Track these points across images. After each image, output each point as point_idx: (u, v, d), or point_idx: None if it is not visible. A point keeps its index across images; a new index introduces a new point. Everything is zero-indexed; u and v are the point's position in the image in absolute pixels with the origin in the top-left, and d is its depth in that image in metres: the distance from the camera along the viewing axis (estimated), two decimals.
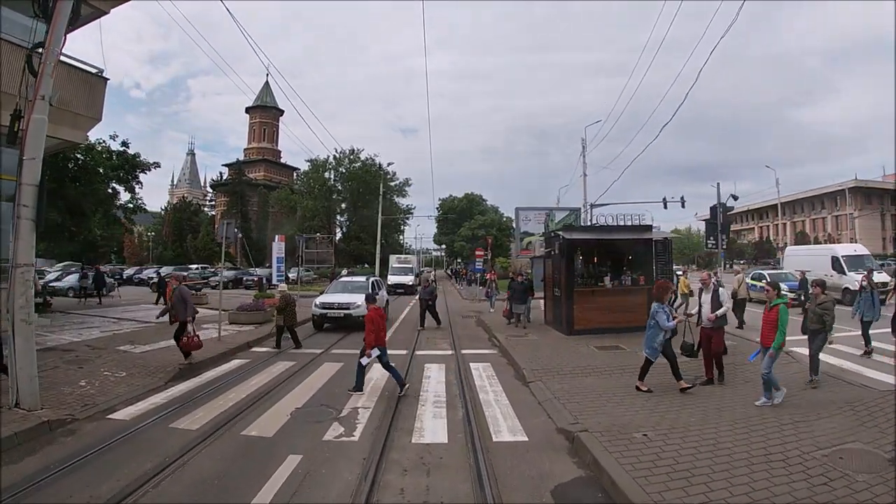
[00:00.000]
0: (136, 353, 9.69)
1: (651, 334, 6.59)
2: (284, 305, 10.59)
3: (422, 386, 7.30)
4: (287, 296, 10.86)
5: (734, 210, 11.08)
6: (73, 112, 11.10)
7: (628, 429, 5.20)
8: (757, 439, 4.79)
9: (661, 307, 6.63)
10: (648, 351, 6.65)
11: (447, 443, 5.04)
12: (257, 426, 5.58)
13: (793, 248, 28.01)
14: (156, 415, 6.06)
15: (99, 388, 7.19)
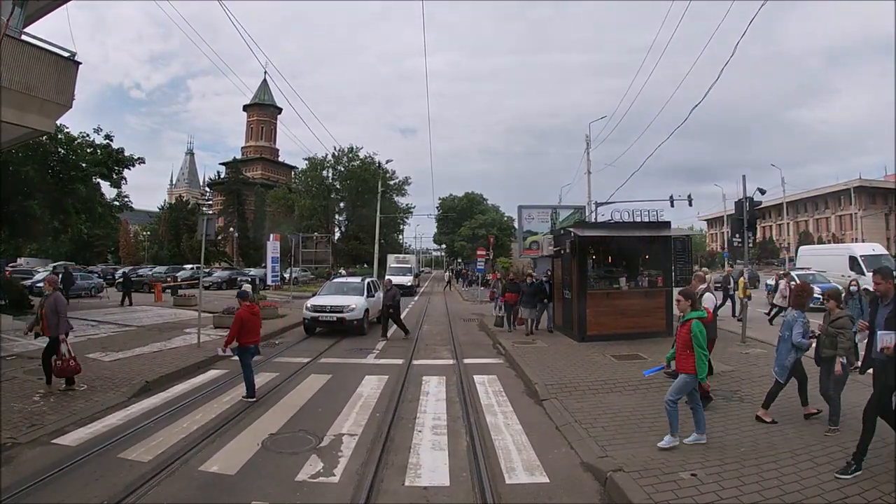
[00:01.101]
0: (105, 361, 8.79)
1: (783, 350, 5.37)
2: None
3: (419, 404, 6.33)
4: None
5: (762, 204, 10.18)
6: (41, 98, 10.13)
7: (671, 465, 4.26)
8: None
9: (800, 316, 5.35)
10: (778, 370, 5.46)
11: (449, 485, 4.07)
12: (220, 459, 4.62)
13: (807, 247, 27.04)
14: (108, 440, 5.13)
15: (54, 404, 6.32)
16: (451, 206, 54.07)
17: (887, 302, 4.06)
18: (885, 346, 3.82)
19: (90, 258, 51.31)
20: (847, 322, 5.11)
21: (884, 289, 4.14)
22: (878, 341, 3.87)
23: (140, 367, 8.29)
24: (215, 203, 66.26)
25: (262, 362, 9.08)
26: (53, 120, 10.84)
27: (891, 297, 4.03)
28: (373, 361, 9.35)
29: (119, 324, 13.88)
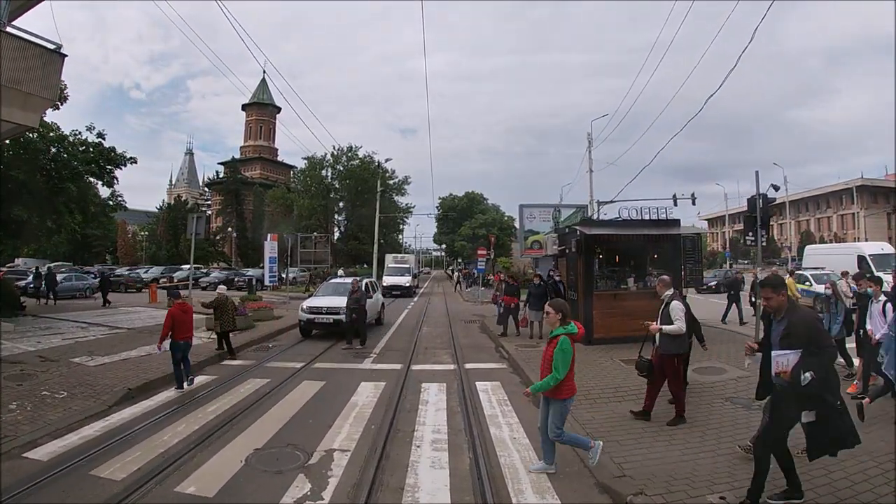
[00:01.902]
0: (90, 366, 8.38)
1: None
2: (216, 306, 9.50)
3: (418, 415, 5.90)
4: (222, 297, 9.75)
5: (776, 201, 9.77)
6: (24, 91, 9.72)
7: (696, 485, 3.85)
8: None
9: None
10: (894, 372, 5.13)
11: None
12: (199, 478, 4.20)
13: (813, 246, 26.58)
14: (81, 454, 4.75)
15: (30, 414, 5.93)
16: (451, 205, 53.64)
17: (780, 318, 3.50)
18: (781, 370, 3.25)
19: (88, 258, 50.99)
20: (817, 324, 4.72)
21: (776, 303, 3.53)
22: (773, 364, 3.31)
23: (125, 372, 7.88)
24: (214, 203, 65.88)
25: (254, 368, 8.70)
26: (38, 114, 10.42)
27: (784, 313, 3.49)
28: (369, 366, 8.92)
29: (110, 325, 13.48)
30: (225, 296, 9.95)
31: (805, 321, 3.35)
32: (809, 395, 3.26)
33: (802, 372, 3.18)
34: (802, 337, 3.29)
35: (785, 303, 3.52)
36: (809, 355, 3.24)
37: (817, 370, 3.21)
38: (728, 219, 63.52)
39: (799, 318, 3.38)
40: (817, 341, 3.30)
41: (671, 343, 5.44)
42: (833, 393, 3.31)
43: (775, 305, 3.53)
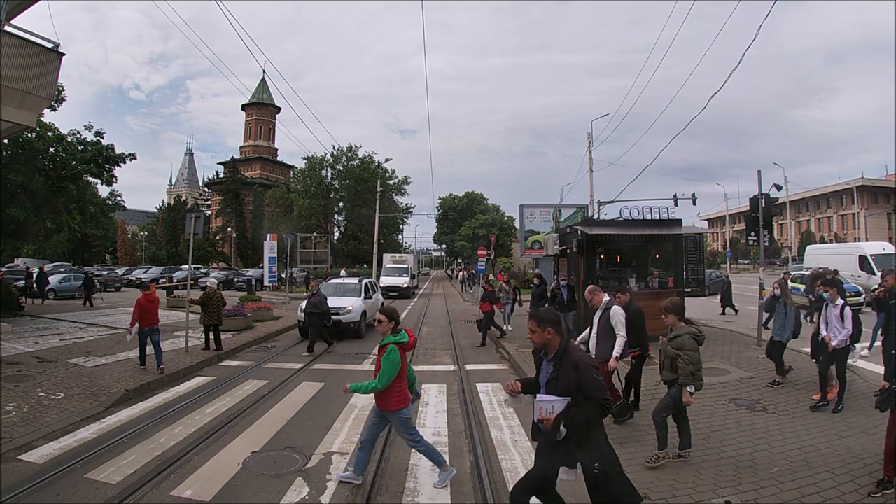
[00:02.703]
0: (87, 367, 8.31)
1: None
2: (205, 301, 9.49)
3: (418, 417, 5.82)
4: (211, 290, 9.77)
5: (778, 200, 9.72)
6: (21, 90, 9.66)
7: (701, 490, 3.79)
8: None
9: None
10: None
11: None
12: (195, 482, 4.14)
13: (814, 246, 26.53)
14: (77, 457, 4.68)
15: (26, 416, 5.85)
16: (451, 205, 53.67)
17: (550, 357, 2.97)
18: (544, 417, 2.81)
19: (88, 258, 50.97)
20: (689, 342, 4.30)
21: (539, 339, 2.96)
22: (535, 409, 2.87)
23: (122, 373, 7.82)
24: (214, 203, 65.74)
25: (253, 369, 8.64)
26: (35, 113, 10.36)
27: (553, 352, 2.94)
28: (369, 367, 8.85)
29: (108, 326, 13.41)
30: (214, 289, 9.96)
31: (577, 365, 2.83)
32: (567, 451, 2.83)
33: (562, 424, 2.77)
34: (571, 383, 2.82)
35: (551, 340, 2.94)
36: (576, 405, 2.79)
37: (576, 425, 2.75)
38: (728, 219, 63.48)
39: (571, 362, 2.86)
40: (587, 390, 2.79)
41: (608, 350, 5.27)
42: (594, 454, 2.83)
43: (538, 342, 2.97)
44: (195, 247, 13.04)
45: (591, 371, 2.87)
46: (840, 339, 5.69)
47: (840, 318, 5.68)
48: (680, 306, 4.57)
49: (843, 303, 5.74)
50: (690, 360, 4.25)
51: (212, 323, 9.70)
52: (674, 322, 4.46)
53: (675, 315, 4.45)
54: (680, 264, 10.23)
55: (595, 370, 2.93)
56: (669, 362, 4.34)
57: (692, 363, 4.25)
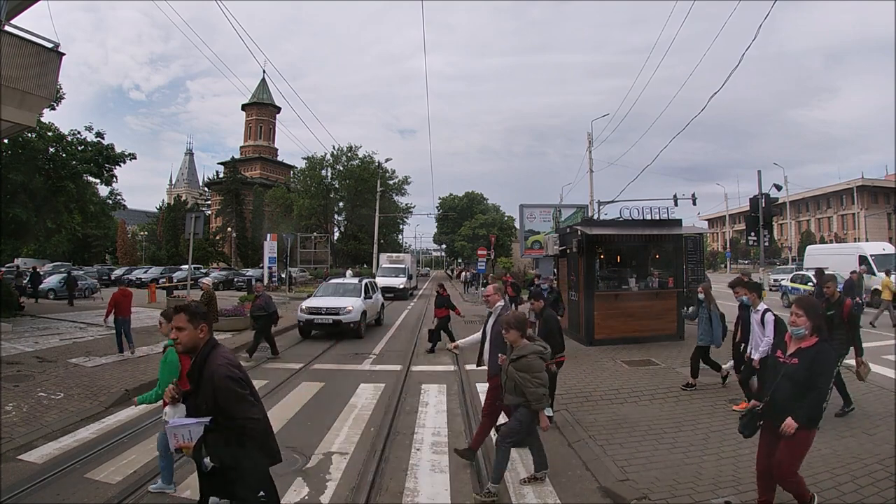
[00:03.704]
0: (87, 367, 8.32)
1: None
2: (206, 302, 9.59)
3: (417, 417, 5.83)
4: (209, 290, 9.90)
5: (778, 201, 9.76)
6: (21, 90, 9.67)
7: (701, 489, 3.79)
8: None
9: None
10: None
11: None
12: (195, 482, 4.04)
13: (814, 246, 26.52)
14: (77, 457, 4.69)
15: (26, 416, 5.86)
16: (451, 205, 53.71)
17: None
18: (182, 445, 2.41)
19: (88, 258, 50.99)
20: (537, 362, 3.82)
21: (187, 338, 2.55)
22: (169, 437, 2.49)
23: (122, 373, 7.82)
24: (214, 203, 65.73)
25: (252, 369, 8.62)
26: (35, 113, 10.37)
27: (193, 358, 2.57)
28: (369, 367, 8.86)
29: (109, 326, 13.37)
30: (211, 290, 10.14)
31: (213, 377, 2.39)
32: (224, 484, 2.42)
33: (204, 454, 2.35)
34: (210, 400, 2.38)
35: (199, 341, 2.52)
36: (216, 429, 2.35)
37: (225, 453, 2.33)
38: (728, 219, 63.47)
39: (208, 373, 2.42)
40: (227, 409, 2.34)
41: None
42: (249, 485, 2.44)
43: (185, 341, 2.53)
44: (195, 247, 13.07)
45: (230, 384, 2.35)
46: (762, 350, 5.11)
47: (761, 324, 5.19)
48: (522, 321, 4.00)
49: (764, 308, 5.25)
50: (542, 380, 3.80)
51: (212, 322, 9.71)
52: (515, 339, 3.91)
53: (516, 331, 3.91)
54: (680, 264, 10.24)
55: (236, 382, 2.38)
56: (513, 385, 3.82)
57: (544, 384, 3.81)
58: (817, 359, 2.97)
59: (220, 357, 2.46)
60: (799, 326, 3.06)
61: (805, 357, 2.99)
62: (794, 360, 3.03)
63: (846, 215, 57.62)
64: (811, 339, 3.04)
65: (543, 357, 3.88)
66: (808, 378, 2.96)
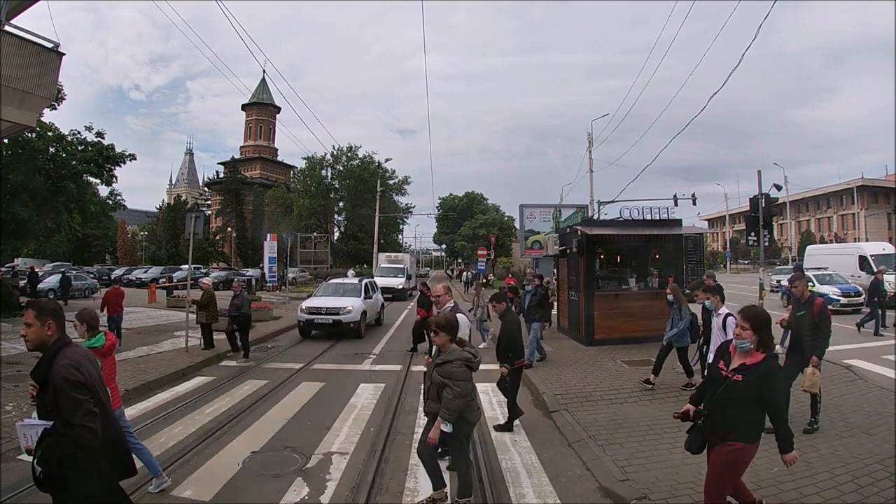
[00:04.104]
0: None
1: None
2: (207, 301, 9.63)
3: (417, 417, 5.81)
4: (210, 292, 9.91)
5: (778, 201, 9.76)
6: (21, 90, 9.65)
7: (701, 489, 3.76)
8: None
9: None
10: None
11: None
12: (195, 482, 4.13)
13: (814, 246, 26.52)
14: None
15: (26, 416, 5.81)
16: (451, 205, 53.69)
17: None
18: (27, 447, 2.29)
19: (88, 258, 50.96)
20: (461, 370, 3.43)
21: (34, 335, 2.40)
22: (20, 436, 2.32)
23: (122, 373, 7.66)
24: (214, 203, 65.66)
25: (252, 369, 8.63)
26: (34, 113, 10.35)
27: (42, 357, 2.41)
28: (369, 367, 8.86)
29: (103, 324, 13.42)
30: (211, 289, 10.15)
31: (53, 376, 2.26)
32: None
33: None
34: (52, 403, 2.25)
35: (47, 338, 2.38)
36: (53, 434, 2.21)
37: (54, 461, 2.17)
38: (728, 219, 63.45)
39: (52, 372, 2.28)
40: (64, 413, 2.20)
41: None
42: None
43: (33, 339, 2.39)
44: (195, 247, 13.04)
45: (65, 386, 2.21)
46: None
47: (722, 328, 4.98)
48: (452, 323, 3.60)
49: (725, 312, 5.04)
50: (461, 392, 3.38)
51: (212, 322, 9.77)
52: (443, 342, 3.54)
53: (445, 334, 3.53)
54: (680, 264, 10.23)
55: (72, 385, 2.23)
56: (436, 391, 3.48)
57: (463, 396, 3.39)
58: (765, 381, 2.70)
59: (65, 357, 2.33)
60: (744, 340, 2.75)
61: (751, 376, 2.70)
62: (737, 376, 2.75)
63: (846, 215, 57.61)
64: (757, 356, 2.74)
65: (470, 365, 3.48)
66: (754, 398, 2.70)
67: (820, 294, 14.60)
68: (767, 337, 2.76)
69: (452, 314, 4.07)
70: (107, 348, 3.78)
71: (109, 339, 3.82)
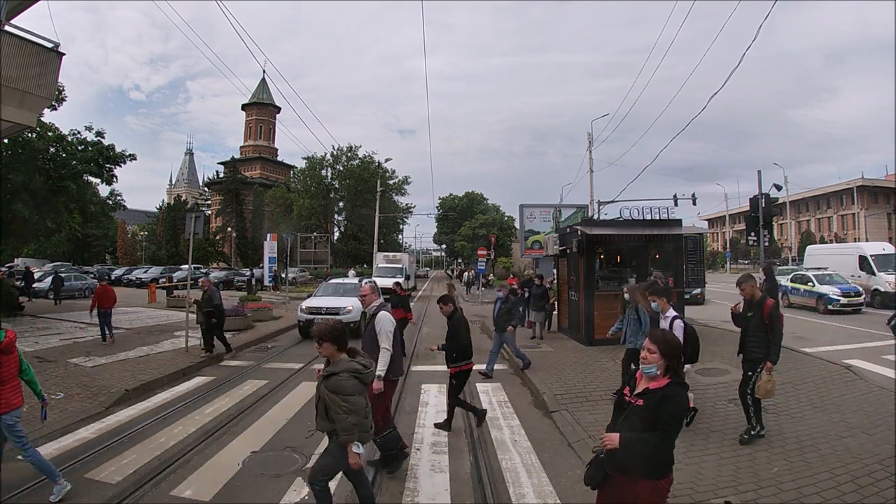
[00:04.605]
0: (87, 367, 8.31)
1: None
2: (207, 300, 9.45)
3: (417, 417, 5.83)
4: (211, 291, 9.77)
5: (778, 201, 9.78)
6: (21, 90, 9.66)
7: (701, 489, 3.78)
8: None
9: None
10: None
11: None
12: (195, 481, 4.14)
13: (814, 246, 26.50)
14: (77, 457, 4.69)
15: (26, 416, 5.66)
16: (451, 205, 53.70)
17: None
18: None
19: (88, 258, 50.97)
20: (350, 383, 3.04)
21: None
22: None
23: (122, 373, 7.82)
24: (214, 203, 65.68)
25: (253, 369, 8.64)
26: (35, 113, 10.36)
27: None
28: None
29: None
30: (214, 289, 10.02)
31: None
32: None
33: None
34: None
35: None
36: None
37: None
38: (728, 219, 63.46)
39: None
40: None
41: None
42: None
43: None
44: (195, 247, 13.04)
45: None
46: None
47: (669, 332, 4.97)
48: (337, 331, 3.22)
49: (672, 314, 4.91)
50: (351, 407, 3.01)
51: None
52: (330, 353, 3.20)
53: (330, 343, 3.18)
54: (680, 264, 10.23)
55: None
56: (324, 408, 3.10)
57: (354, 412, 3.01)
58: (663, 403, 2.35)
59: None
60: (650, 364, 2.46)
61: (651, 400, 2.39)
62: (639, 400, 2.45)
63: (846, 215, 57.60)
64: (662, 380, 2.45)
65: (361, 378, 3.09)
66: (651, 424, 2.36)
67: (819, 293, 14.52)
68: (675, 363, 2.48)
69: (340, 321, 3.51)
70: (5, 345, 3.72)
71: (8, 336, 3.76)
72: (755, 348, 4.73)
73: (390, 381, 4.31)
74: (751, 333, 4.80)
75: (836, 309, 14.37)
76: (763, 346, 4.68)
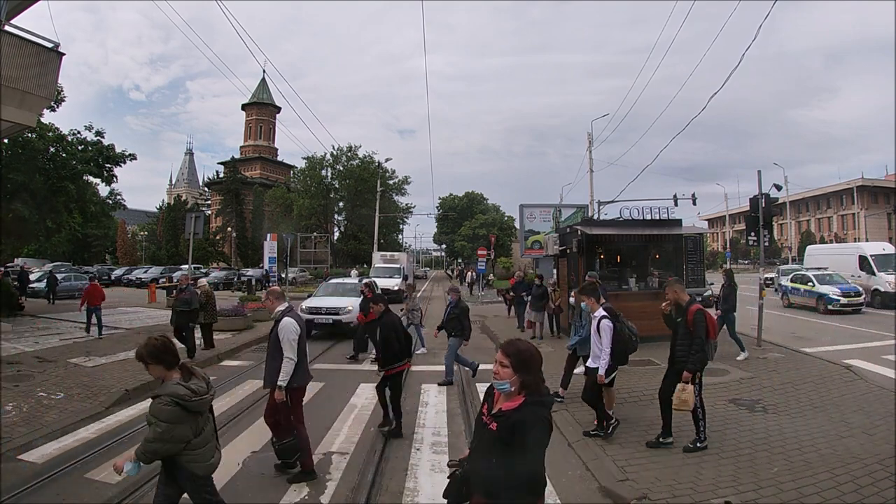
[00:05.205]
0: (87, 367, 8.32)
1: None
2: (206, 301, 9.58)
3: (417, 417, 5.84)
4: (209, 291, 9.94)
5: (778, 201, 9.79)
6: (21, 90, 9.66)
7: (701, 489, 3.79)
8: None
9: None
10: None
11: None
12: None
13: (814, 246, 26.51)
14: (77, 457, 4.69)
15: (26, 415, 5.87)
16: (451, 205, 53.72)
17: None
18: None
19: (88, 258, 51.00)
20: (158, 408, 2.66)
21: None
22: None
23: (122, 373, 7.82)
24: (214, 203, 65.68)
25: (253, 369, 8.62)
26: (35, 113, 10.37)
27: None
28: (369, 368, 8.82)
29: (108, 326, 13.39)
30: (208, 289, 10.19)
31: None
32: None
33: None
34: None
35: None
36: None
37: None
38: (728, 219, 63.45)
39: None
40: None
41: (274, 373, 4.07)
42: None
43: None
44: (195, 247, 13.06)
45: None
46: (603, 363, 4.68)
47: (597, 332, 4.70)
48: (158, 350, 2.80)
49: (601, 314, 4.74)
50: (161, 435, 2.62)
51: (211, 321, 9.80)
52: (161, 374, 2.83)
53: (155, 364, 2.81)
54: (680, 264, 10.23)
55: None
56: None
57: (163, 440, 2.63)
58: (518, 428, 1.97)
59: None
60: (502, 380, 2.08)
61: (504, 424, 2.02)
62: (493, 423, 2.08)
63: (846, 215, 57.62)
64: (516, 399, 2.06)
65: (183, 404, 2.65)
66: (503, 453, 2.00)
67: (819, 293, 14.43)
68: (531, 377, 2.08)
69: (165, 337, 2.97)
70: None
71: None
72: (682, 355, 4.53)
73: (294, 389, 4.14)
74: (679, 339, 4.63)
75: (837, 309, 14.38)
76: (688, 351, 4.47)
